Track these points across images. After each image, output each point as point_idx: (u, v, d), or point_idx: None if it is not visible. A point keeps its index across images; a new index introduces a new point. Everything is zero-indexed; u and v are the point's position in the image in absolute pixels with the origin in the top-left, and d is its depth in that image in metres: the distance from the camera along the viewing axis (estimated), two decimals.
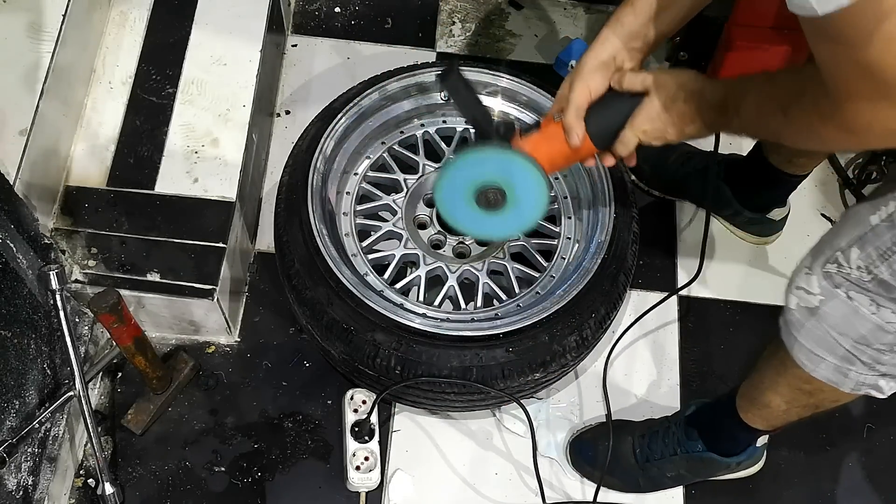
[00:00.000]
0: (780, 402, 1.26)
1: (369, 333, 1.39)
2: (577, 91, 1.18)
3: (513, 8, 2.11)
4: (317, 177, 1.50)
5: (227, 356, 1.66)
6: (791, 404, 1.25)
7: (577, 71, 1.19)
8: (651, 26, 1.15)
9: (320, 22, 2.05)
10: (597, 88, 1.18)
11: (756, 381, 1.30)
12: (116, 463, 1.55)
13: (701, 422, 1.50)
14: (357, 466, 1.53)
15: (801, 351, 1.10)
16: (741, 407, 1.37)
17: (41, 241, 1.44)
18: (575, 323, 1.42)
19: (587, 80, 1.17)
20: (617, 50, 1.17)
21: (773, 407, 1.28)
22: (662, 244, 1.84)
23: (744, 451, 1.50)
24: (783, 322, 1.13)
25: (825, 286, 1.04)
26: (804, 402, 1.22)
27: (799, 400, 1.22)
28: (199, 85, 1.65)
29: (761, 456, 1.57)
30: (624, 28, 1.16)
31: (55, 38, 1.47)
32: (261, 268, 1.75)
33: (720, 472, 1.56)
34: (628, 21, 1.15)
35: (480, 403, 1.55)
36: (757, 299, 1.79)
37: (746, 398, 1.36)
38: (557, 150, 1.24)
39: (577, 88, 1.18)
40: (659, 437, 1.53)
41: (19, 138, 1.39)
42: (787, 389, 1.22)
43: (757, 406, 1.33)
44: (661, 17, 1.15)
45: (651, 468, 1.54)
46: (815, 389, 1.17)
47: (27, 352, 1.37)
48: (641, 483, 1.57)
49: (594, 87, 1.18)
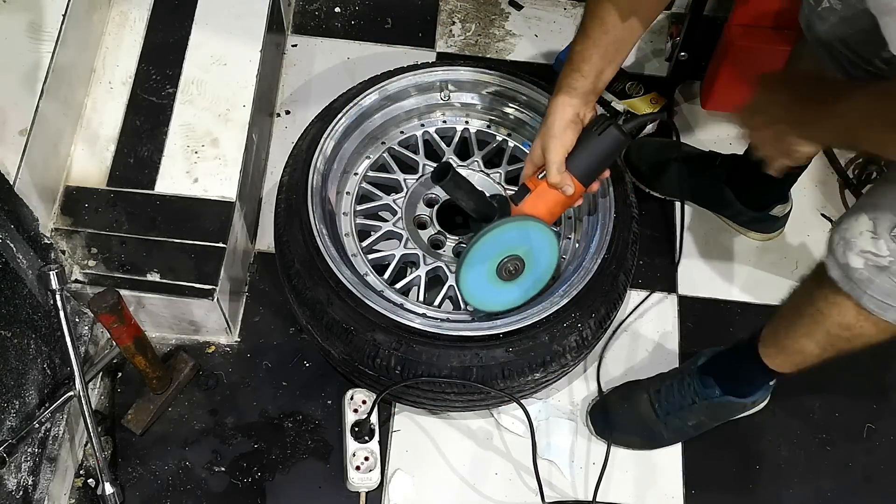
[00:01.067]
0: (815, 347, 1.30)
1: (369, 333, 1.39)
2: (553, 151, 1.33)
3: (513, 8, 2.11)
4: (317, 177, 1.50)
5: (227, 356, 1.66)
6: (826, 349, 1.29)
7: (547, 133, 1.33)
8: (599, 81, 1.31)
9: (320, 22, 2.05)
10: (570, 143, 1.34)
11: (787, 329, 1.34)
12: (116, 463, 1.55)
13: (717, 369, 1.54)
14: (357, 466, 1.53)
15: (871, 301, 1.15)
16: (767, 354, 1.41)
17: (41, 241, 1.44)
18: (575, 323, 1.42)
19: (561, 139, 1.32)
20: (578, 108, 1.32)
21: (807, 352, 1.32)
22: (662, 244, 1.85)
23: (758, 391, 1.57)
24: (842, 277, 1.15)
25: (894, 248, 1.09)
26: (840, 346, 1.26)
27: (836, 345, 1.27)
28: (199, 85, 1.65)
29: (769, 391, 1.62)
30: (577, 91, 1.31)
31: (55, 38, 1.47)
32: (261, 268, 1.75)
33: (737, 413, 1.61)
34: (579, 85, 1.30)
35: (480, 403, 1.55)
36: (757, 299, 1.79)
37: (774, 346, 1.39)
38: (554, 202, 1.38)
39: (553, 148, 1.32)
40: (674, 389, 1.57)
41: (19, 138, 1.39)
42: (824, 336, 1.26)
43: (787, 353, 1.37)
44: (606, 72, 1.30)
45: (673, 420, 1.58)
46: (855, 335, 1.21)
47: (27, 352, 1.37)
48: (666, 436, 1.61)
49: (568, 143, 1.33)
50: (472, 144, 1.68)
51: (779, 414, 1.68)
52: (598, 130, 1.34)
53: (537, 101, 1.62)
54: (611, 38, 1.26)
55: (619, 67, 1.32)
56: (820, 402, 1.71)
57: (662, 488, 1.62)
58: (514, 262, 1.39)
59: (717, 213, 1.85)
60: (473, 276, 1.39)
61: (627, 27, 1.25)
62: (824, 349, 1.29)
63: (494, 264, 1.38)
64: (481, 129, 1.69)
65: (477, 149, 1.68)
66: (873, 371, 1.75)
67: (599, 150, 1.35)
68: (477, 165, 1.65)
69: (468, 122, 1.70)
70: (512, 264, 1.39)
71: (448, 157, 1.66)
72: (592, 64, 1.28)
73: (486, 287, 1.41)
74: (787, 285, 1.78)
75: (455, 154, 1.66)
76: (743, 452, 1.66)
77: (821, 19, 1.26)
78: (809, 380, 1.69)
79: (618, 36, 1.26)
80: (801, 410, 1.70)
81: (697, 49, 1.85)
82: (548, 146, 1.33)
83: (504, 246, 1.37)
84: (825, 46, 1.28)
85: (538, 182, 1.38)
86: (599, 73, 1.29)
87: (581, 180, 1.36)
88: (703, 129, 1.97)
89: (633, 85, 1.88)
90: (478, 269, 1.38)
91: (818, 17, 1.27)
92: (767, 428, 1.67)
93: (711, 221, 1.87)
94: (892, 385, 1.74)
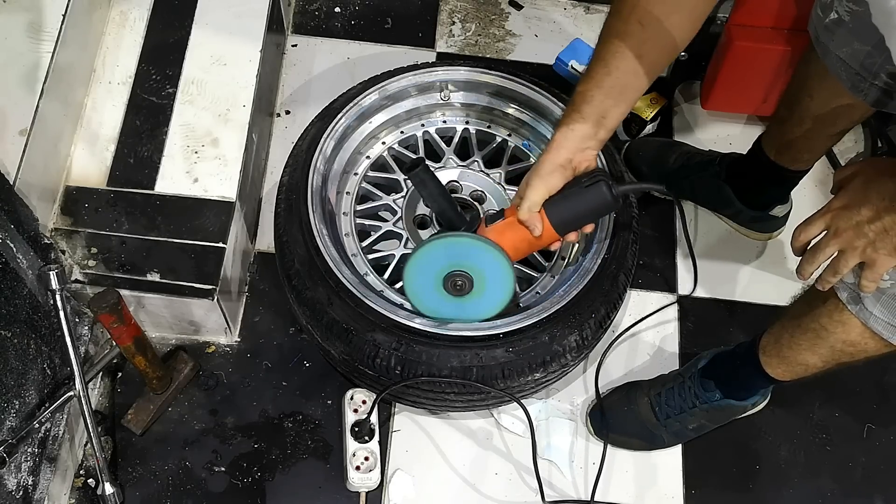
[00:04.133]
0: (818, 361, 1.31)
1: (369, 333, 1.39)
2: (535, 189, 1.27)
3: (513, 8, 2.11)
4: (317, 177, 1.50)
5: (227, 356, 1.66)
6: (828, 363, 1.30)
7: (536, 172, 1.27)
8: (600, 128, 1.23)
9: (320, 22, 2.05)
10: (555, 187, 1.27)
11: (789, 342, 1.34)
12: (116, 463, 1.55)
13: (717, 373, 1.54)
14: (357, 466, 1.53)
15: (878, 322, 1.15)
16: (768, 363, 1.41)
17: (41, 241, 1.44)
18: (575, 323, 1.42)
19: (546, 181, 1.26)
20: (572, 153, 1.25)
21: (810, 365, 1.33)
22: (662, 244, 1.85)
23: (759, 393, 1.57)
24: (850, 297, 1.16)
25: (893, 274, 1.09)
26: (843, 360, 1.27)
27: (839, 359, 1.28)
28: (199, 85, 1.65)
29: (769, 392, 1.62)
30: (575, 133, 1.23)
31: (55, 38, 1.47)
32: (261, 268, 1.75)
33: (737, 415, 1.61)
34: (577, 127, 1.23)
35: (480, 403, 1.55)
36: (757, 299, 1.79)
37: (777, 356, 1.39)
38: (521, 238, 1.32)
39: (535, 187, 1.27)
40: (675, 392, 1.57)
41: (19, 138, 1.39)
42: (828, 352, 1.27)
43: (790, 364, 1.37)
44: (610, 117, 1.22)
45: (673, 423, 1.58)
46: (859, 351, 1.23)
47: (27, 352, 1.37)
48: (665, 439, 1.61)
49: (552, 186, 1.27)
50: (472, 144, 1.68)
51: (779, 414, 1.68)
52: (587, 183, 1.28)
53: (537, 101, 1.62)
54: (613, 80, 1.19)
55: (623, 115, 1.24)
56: (820, 402, 1.71)
57: (662, 488, 1.62)
58: (462, 278, 1.33)
59: (717, 212, 1.85)
60: (419, 279, 1.36)
61: (632, 71, 1.18)
62: (827, 363, 1.30)
63: (441, 275, 1.34)
64: (481, 129, 1.69)
65: (477, 149, 1.68)
66: (873, 371, 1.75)
67: (582, 204, 1.29)
68: (477, 165, 1.65)
69: (468, 122, 1.69)
70: (460, 280, 1.34)
71: (448, 156, 1.66)
72: (594, 106, 1.21)
73: (432, 295, 1.37)
74: (787, 286, 1.79)
75: (455, 154, 1.66)
76: (743, 452, 1.66)
77: (828, 31, 1.26)
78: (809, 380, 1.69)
79: (621, 80, 1.19)
80: (801, 410, 1.70)
81: (697, 49, 1.85)
82: (530, 183, 1.28)
83: (453, 259, 1.33)
84: (832, 58, 1.28)
85: (514, 213, 1.32)
86: (601, 117, 1.22)
87: (556, 227, 1.31)
88: (703, 129, 1.98)
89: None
90: (425, 276, 1.35)
91: (825, 29, 1.27)
92: (767, 428, 1.67)
93: (712, 222, 1.87)
94: (892, 385, 1.74)
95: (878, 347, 1.20)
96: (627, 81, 1.19)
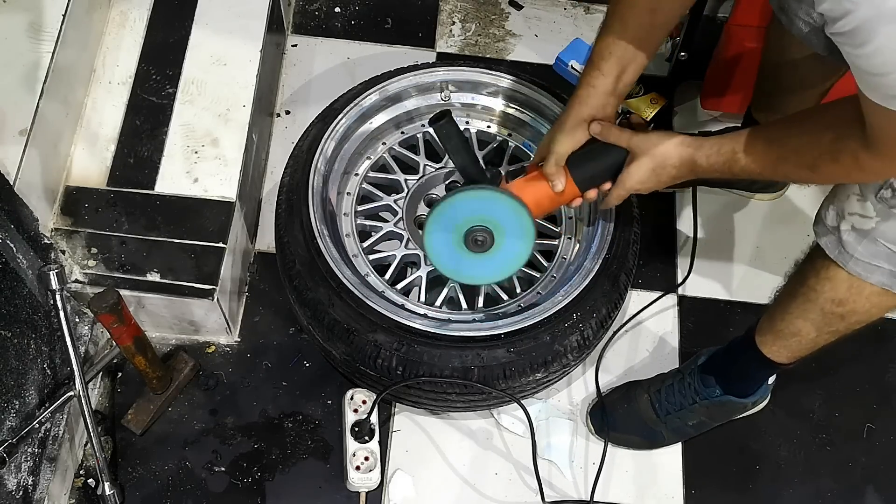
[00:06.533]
0: (811, 328, 1.31)
1: (370, 334, 1.39)
2: (560, 143, 1.32)
3: (513, 8, 2.11)
4: (317, 177, 1.50)
5: (227, 356, 1.66)
6: (821, 330, 1.30)
7: (559, 127, 1.32)
8: (620, 83, 1.29)
9: (320, 22, 2.05)
10: (579, 142, 1.32)
11: (782, 313, 1.35)
12: (116, 463, 1.55)
13: (716, 368, 1.54)
14: (357, 466, 1.53)
15: (858, 264, 1.17)
16: (764, 342, 1.41)
17: (41, 241, 1.43)
18: (576, 323, 1.42)
19: (570, 135, 1.31)
20: (594, 109, 1.30)
21: (803, 335, 1.33)
22: (663, 244, 1.85)
23: (758, 390, 1.57)
24: (831, 243, 1.19)
25: (881, 209, 1.11)
26: (835, 326, 1.27)
27: (830, 324, 1.28)
28: (199, 85, 1.65)
29: (768, 391, 1.62)
30: (597, 90, 1.29)
31: (55, 38, 1.47)
32: (261, 268, 1.75)
33: (737, 413, 1.61)
34: (598, 83, 1.28)
35: (481, 404, 1.55)
36: (757, 299, 1.80)
37: (771, 332, 1.39)
38: (542, 193, 1.34)
39: (560, 141, 1.32)
40: (674, 389, 1.58)
41: (19, 138, 1.39)
42: (818, 315, 1.27)
43: (784, 337, 1.37)
44: (627, 72, 1.28)
45: (673, 420, 1.58)
46: (848, 311, 1.23)
47: (27, 352, 1.37)
48: (666, 436, 1.61)
49: (577, 140, 1.32)
50: (473, 144, 1.68)
51: (779, 414, 1.68)
52: None
53: (537, 101, 1.63)
54: (630, 35, 1.24)
55: (640, 70, 1.29)
56: (820, 402, 1.71)
57: (662, 488, 1.62)
58: (483, 233, 1.33)
59: (729, 188, 1.89)
60: (439, 238, 1.34)
61: (647, 25, 1.24)
62: (819, 330, 1.30)
63: (462, 230, 1.33)
64: (481, 129, 1.69)
65: (477, 149, 1.68)
66: (873, 371, 1.75)
67: (604, 160, 1.31)
68: None
69: (468, 122, 1.70)
70: (481, 235, 1.33)
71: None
72: (612, 62, 1.26)
73: (454, 254, 1.36)
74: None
75: None
76: (743, 452, 1.66)
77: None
78: (809, 380, 1.70)
79: (637, 34, 1.24)
80: (801, 410, 1.70)
81: (697, 49, 1.85)
82: (555, 138, 1.32)
83: (474, 213, 1.32)
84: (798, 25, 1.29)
85: (537, 169, 1.36)
86: (620, 72, 1.27)
87: (578, 184, 1.33)
88: (703, 128, 1.97)
89: (634, 85, 1.87)
90: (445, 230, 1.33)
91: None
92: (767, 428, 1.67)
93: (712, 222, 1.87)
94: (892, 385, 1.75)
95: (867, 307, 1.21)
96: (643, 36, 1.24)
